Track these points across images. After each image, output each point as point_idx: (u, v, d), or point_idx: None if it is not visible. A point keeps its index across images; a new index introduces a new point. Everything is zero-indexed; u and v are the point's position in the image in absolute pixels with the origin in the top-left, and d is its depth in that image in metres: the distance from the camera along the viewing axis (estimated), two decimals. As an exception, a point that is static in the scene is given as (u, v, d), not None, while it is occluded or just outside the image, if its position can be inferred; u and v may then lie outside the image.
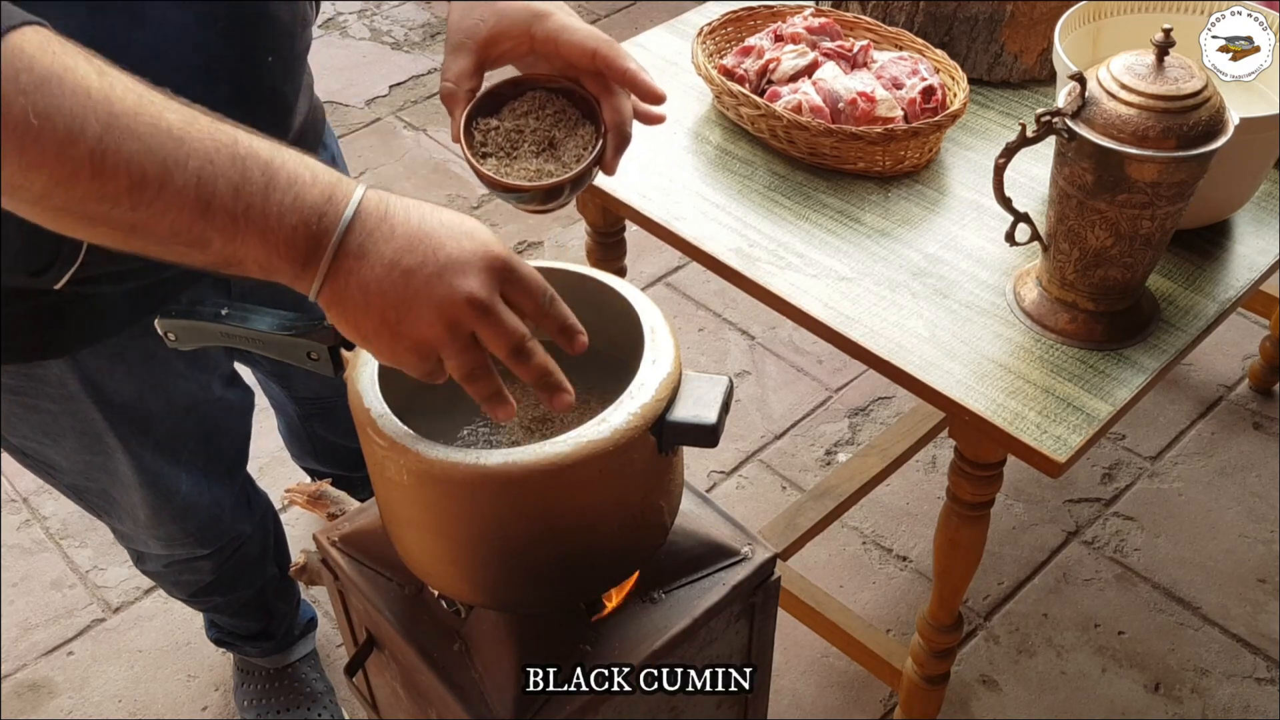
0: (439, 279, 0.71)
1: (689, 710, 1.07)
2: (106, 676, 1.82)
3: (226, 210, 0.67)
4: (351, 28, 3.27)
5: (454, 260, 0.71)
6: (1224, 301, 1.20)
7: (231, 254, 0.69)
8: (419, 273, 0.70)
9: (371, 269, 0.70)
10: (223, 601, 1.53)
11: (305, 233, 0.69)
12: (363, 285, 0.70)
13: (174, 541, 1.36)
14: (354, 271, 0.70)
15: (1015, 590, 1.90)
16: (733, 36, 1.51)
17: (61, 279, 0.97)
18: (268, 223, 0.68)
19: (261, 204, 0.67)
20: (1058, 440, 1.06)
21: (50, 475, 1.25)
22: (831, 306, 1.20)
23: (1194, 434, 2.14)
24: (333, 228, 0.69)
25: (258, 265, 0.70)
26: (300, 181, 0.69)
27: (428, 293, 0.71)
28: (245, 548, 1.47)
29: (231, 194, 0.66)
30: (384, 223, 0.71)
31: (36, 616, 1.89)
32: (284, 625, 1.66)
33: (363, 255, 0.70)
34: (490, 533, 0.84)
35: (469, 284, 0.71)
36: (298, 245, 0.69)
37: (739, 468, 2.10)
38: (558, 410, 0.79)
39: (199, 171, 0.65)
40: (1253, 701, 1.74)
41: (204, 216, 0.66)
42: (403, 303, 0.71)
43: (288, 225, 0.68)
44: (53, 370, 1.08)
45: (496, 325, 0.73)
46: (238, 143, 0.67)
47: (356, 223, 0.70)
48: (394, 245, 0.71)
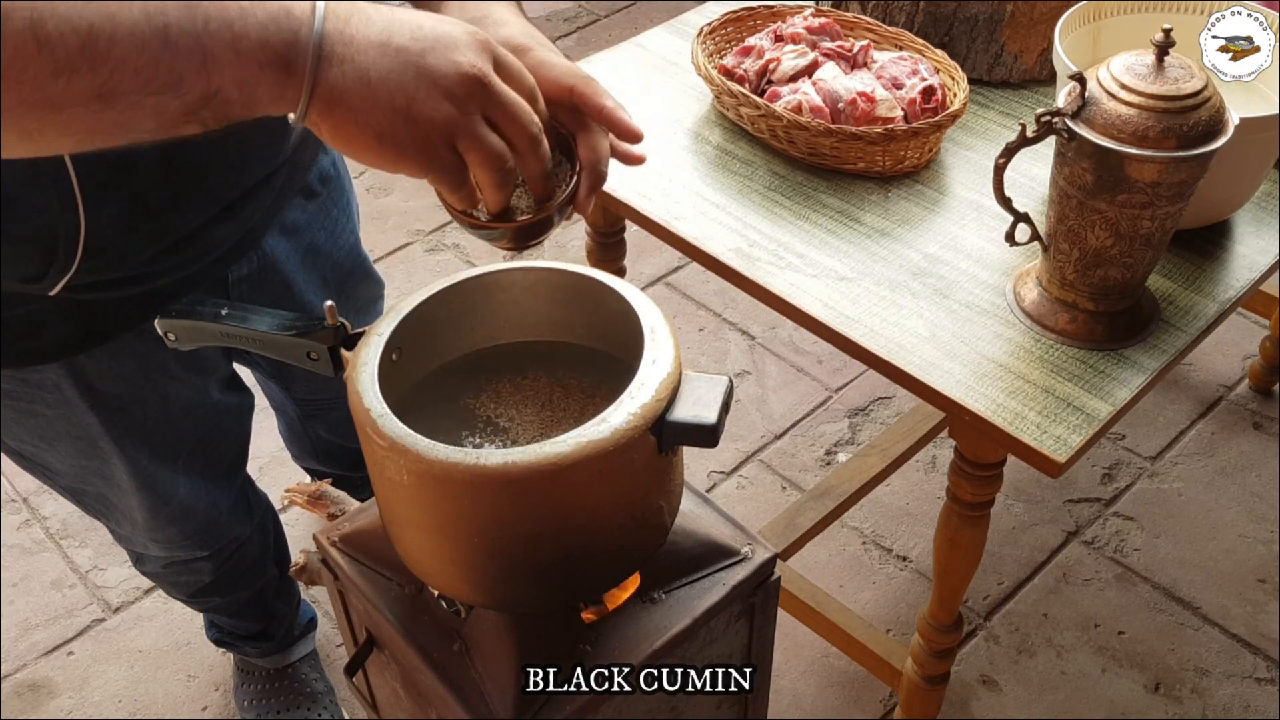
0: (434, 52, 0.66)
1: (689, 710, 1.07)
2: (106, 676, 1.82)
3: (186, 31, 0.61)
4: (351, 28, 3.27)
5: (441, 35, 0.67)
6: (1224, 301, 1.20)
7: (207, 85, 0.62)
8: (412, 48, 0.66)
9: (364, 52, 0.65)
10: (222, 602, 1.53)
11: (275, 28, 0.63)
12: (360, 74, 0.65)
13: (172, 544, 1.36)
14: (346, 59, 0.65)
15: (1015, 590, 1.90)
16: (733, 36, 1.51)
17: (56, 286, 0.97)
18: (232, 29, 0.62)
19: (221, 12, 0.61)
20: (1058, 440, 1.06)
21: (48, 478, 1.25)
22: (831, 306, 1.20)
23: (1194, 434, 2.14)
24: (304, 15, 0.64)
25: (237, 87, 0.63)
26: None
27: (429, 67, 0.66)
28: (244, 549, 1.47)
29: (186, 14, 0.61)
30: (356, 10, 0.66)
31: (36, 616, 1.89)
32: (284, 625, 1.66)
33: (349, 40, 0.65)
34: (490, 533, 0.84)
35: (466, 55, 0.67)
36: (271, 43, 0.63)
37: (739, 468, 2.10)
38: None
39: (144, 4, 0.60)
40: (1253, 701, 1.74)
41: (166, 48, 0.61)
42: (409, 81, 0.65)
43: (255, 24, 0.62)
44: (48, 375, 1.08)
45: (503, 101, 0.69)
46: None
47: (329, 10, 0.65)
48: (377, 27, 0.66)
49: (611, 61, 1.56)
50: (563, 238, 2.59)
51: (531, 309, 0.96)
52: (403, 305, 0.89)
